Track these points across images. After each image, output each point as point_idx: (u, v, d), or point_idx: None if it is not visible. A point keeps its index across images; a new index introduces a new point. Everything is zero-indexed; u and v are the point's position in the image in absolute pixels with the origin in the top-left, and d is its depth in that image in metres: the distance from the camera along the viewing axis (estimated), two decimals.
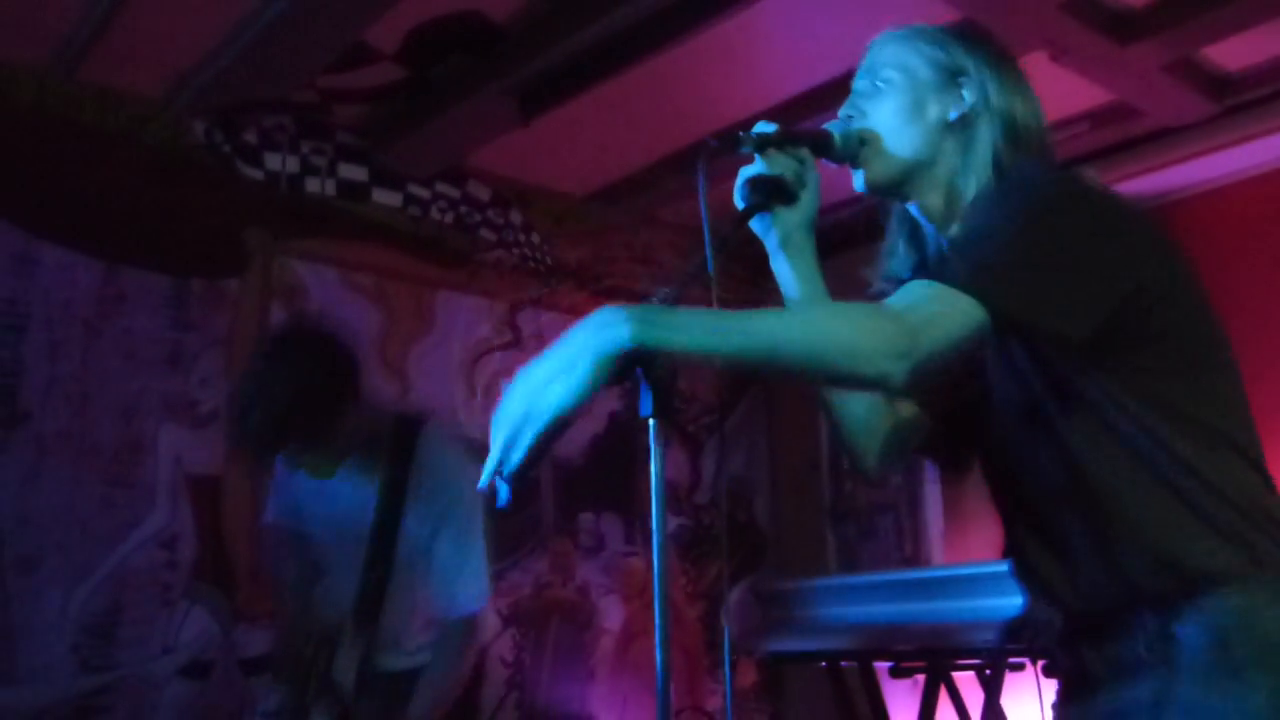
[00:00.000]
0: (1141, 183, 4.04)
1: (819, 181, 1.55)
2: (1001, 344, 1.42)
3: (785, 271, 1.55)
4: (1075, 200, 1.35)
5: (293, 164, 3.83)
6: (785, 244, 1.55)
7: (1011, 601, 2.68)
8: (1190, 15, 3.27)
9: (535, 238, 4.51)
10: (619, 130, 4.09)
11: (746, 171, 1.51)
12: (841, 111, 1.56)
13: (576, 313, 4.46)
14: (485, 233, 4.34)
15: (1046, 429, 1.38)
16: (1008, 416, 1.45)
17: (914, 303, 1.25)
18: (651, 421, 1.26)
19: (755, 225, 1.56)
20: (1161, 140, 3.92)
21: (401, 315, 4.03)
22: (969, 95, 1.50)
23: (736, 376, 4.90)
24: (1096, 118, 3.81)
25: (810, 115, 3.59)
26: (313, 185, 3.88)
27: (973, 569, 2.94)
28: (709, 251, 1.39)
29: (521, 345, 4.36)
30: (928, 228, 1.56)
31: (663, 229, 4.84)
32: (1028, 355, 1.39)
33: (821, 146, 1.52)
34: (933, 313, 1.24)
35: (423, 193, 4.16)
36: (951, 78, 1.51)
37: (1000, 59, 1.54)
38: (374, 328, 3.95)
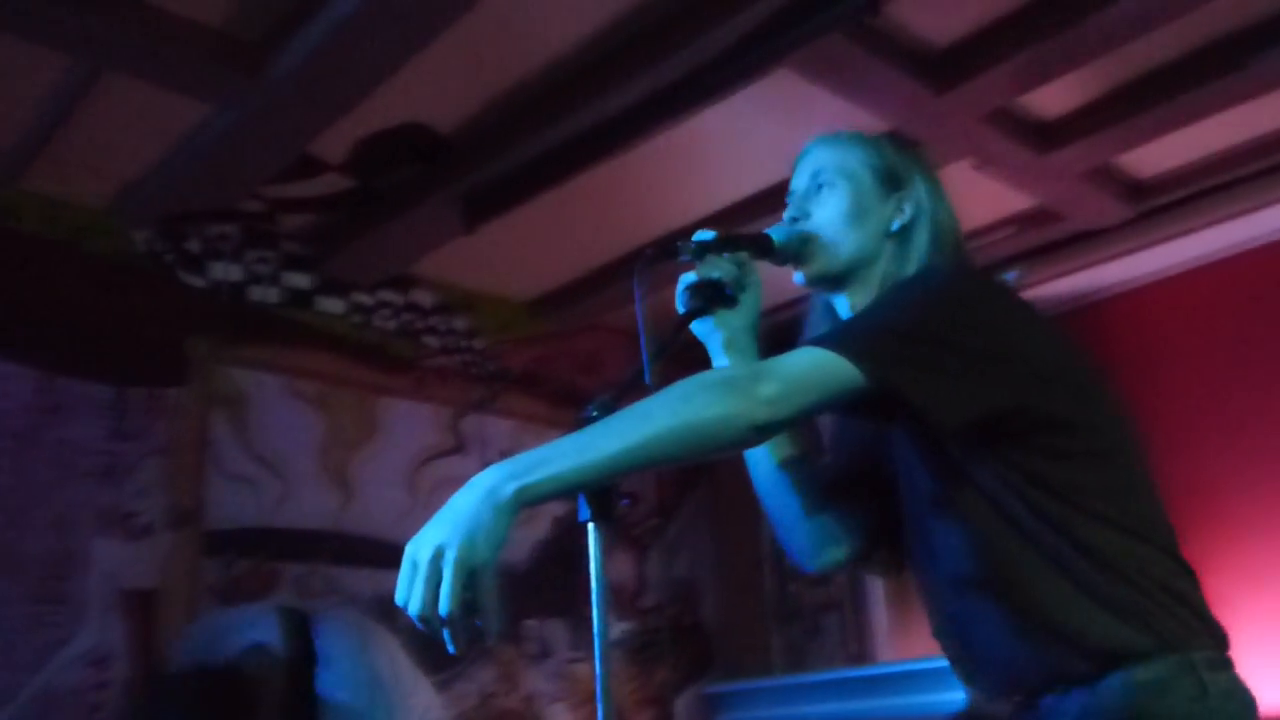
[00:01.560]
0: (1064, 284, 4.19)
1: (760, 284, 1.62)
2: (902, 434, 1.48)
3: None
4: (982, 293, 1.42)
5: (237, 272, 3.85)
6: (728, 347, 1.62)
7: (956, 696, 2.71)
8: (1106, 124, 3.44)
9: (479, 344, 4.54)
10: (562, 237, 4.17)
11: (687, 278, 1.58)
12: (786, 214, 1.64)
13: (521, 418, 4.56)
14: (429, 339, 4.37)
15: (948, 516, 1.43)
16: (916, 506, 1.50)
17: (790, 362, 1.32)
18: (591, 526, 1.30)
19: (698, 329, 1.62)
20: (1082, 243, 4.08)
21: (345, 422, 4.01)
22: (909, 207, 1.59)
23: (671, 477, 4.93)
24: (1020, 222, 3.96)
25: (749, 220, 3.70)
26: (256, 293, 3.89)
27: (917, 665, 2.97)
28: (645, 359, 1.44)
29: (466, 451, 4.36)
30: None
31: (607, 334, 4.90)
32: (921, 443, 1.45)
33: (762, 249, 1.58)
34: (806, 371, 1.30)
35: (367, 300, 4.18)
36: (891, 187, 1.60)
37: (930, 169, 1.64)
38: (316, 436, 3.93)
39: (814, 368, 1.30)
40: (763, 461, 1.68)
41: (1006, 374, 1.36)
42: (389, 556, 3.28)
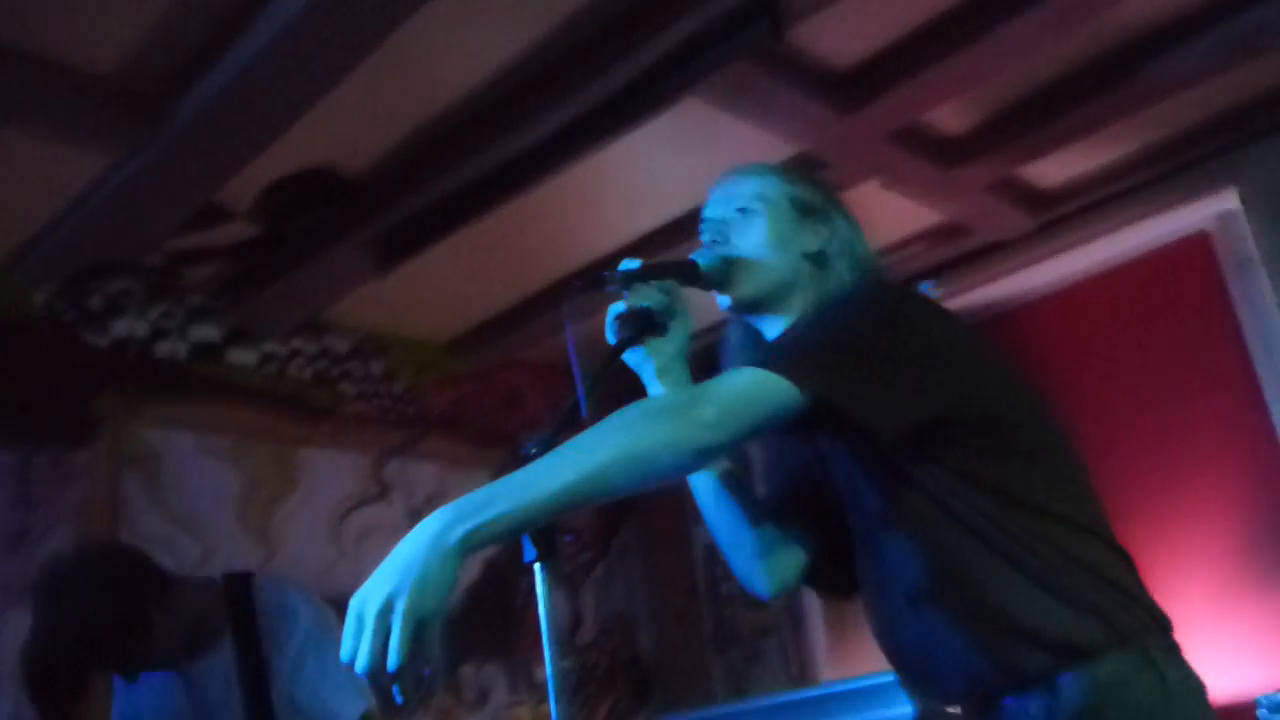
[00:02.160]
0: (975, 296, 4.28)
1: (688, 311, 1.63)
2: (843, 451, 1.49)
3: None
4: (904, 303, 1.44)
5: (142, 328, 3.74)
6: (661, 374, 1.62)
7: (901, 710, 2.71)
8: (1006, 139, 3.53)
9: (398, 387, 4.47)
10: (477, 275, 4.14)
11: (615, 308, 1.57)
12: (705, 238, 1.64)
13: (445, 460, 4.49)
14: (346, 385, 4.29)
15: (897, 528, 1.44)
16: (864, 523, 1.51)
17: (727, 383, 1.32)
18: (537, 566, 1.28)
19: (630, 359, 1.62)
20: (990, 256, 4.17)
21: (263, 476, 3.91)
22: (827, 233, 1.62)
23: (601, 510, 4.91)
24: (930, 237, 4.04)
25: (665, 249, 3.71)
26: (163, 349, 3.78)
27: (859, 683, 2.96)
28: (580, 392, 1.43)
29: (390, 498, 4.28)
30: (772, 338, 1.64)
31: (527, 371, 4.87)
32: (863, 457, 1.47)
33: (687, 275, 1.59)
34: (744, 392, 1.30)
35: (279, 349, 4.10)
36: (807, 214, 1.63)
37: (843, 202, 1.69)
38: (234, 491, 3.83)
39: (751, 388, 1.30)
40: (707, 490, 1.68)
41: (937, 380, 1.38)
42: None
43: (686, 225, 3.58)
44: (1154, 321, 4.00)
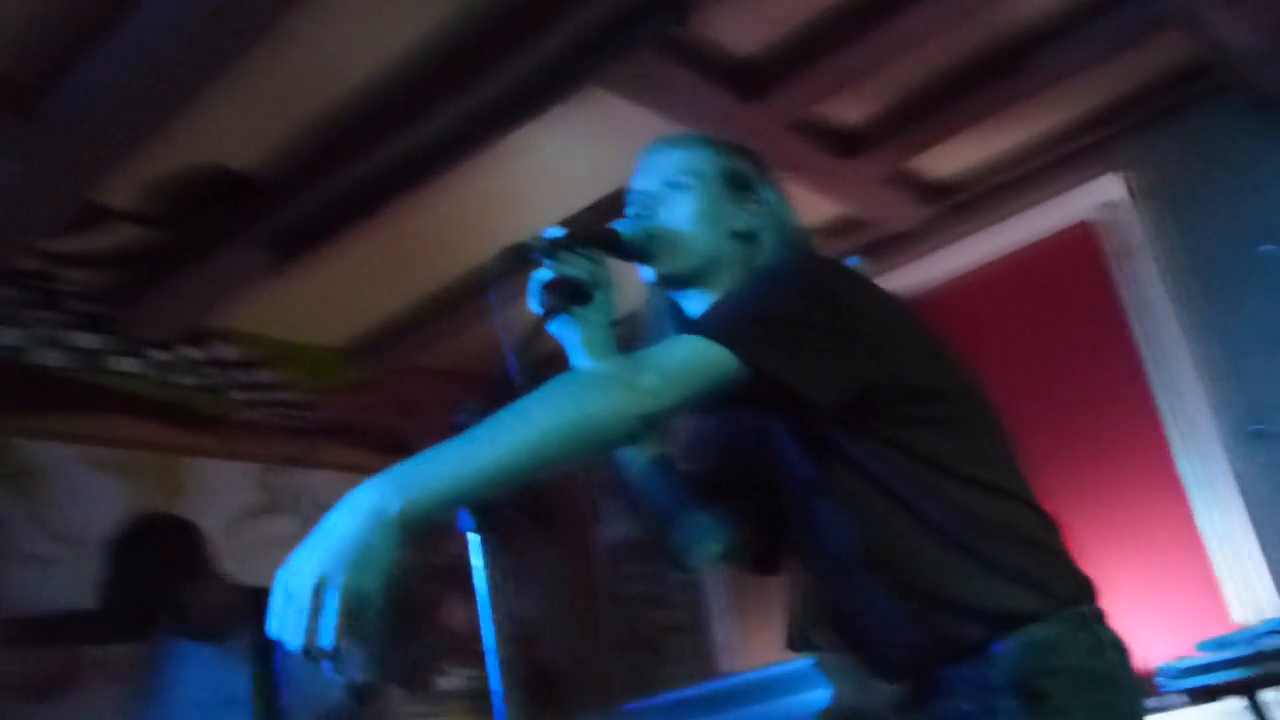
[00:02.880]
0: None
1: (612, 281, 1.59)
2: (777, 424, 1.49)
3: None
4: (832, 274, 1.44)
5: (18, 337, 3.54)
6: (587, 345, 1.58)
7: (814, 695, 2.70)
8: (903, 129, 3.59)
9: (291, 395, 4.33)
10: (373, 278, 4.03)
11: (541, 276, 1.53)
12: (629, 210, 1.62)
13: (341, 469, 4.36)
14: (236, 393, 4.14)
15: (831, 500, 1.44)
16: (797, 497, 1.51)
17: (664, 351, 1.31)
18: (473, 537, 1.23)
19: (555, 329, 1.58)
20: (890, 246, 4.23)
21: (150, 487, 3.74)
22: (755, 210, 1.60)
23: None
24: (831, 229, 4.08)
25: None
26: (42, 357, 3.59)
27: (769, 672, 2.95)
28: (511, 360, 1.39)
29: (283, 509, 4.14)
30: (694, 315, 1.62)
31: (424, 376, 4.76)
32: (797, 429, 1.46)
33: (608, 245, 1.56)
34: (683, 360, 1.29)
35: (167, 356, 3.92)
36: (738, 189, 1.61)
37: (774, 177, 1.67)
38: (120, 505, 3.63)
39: (690, 356, 1.29)
40: (635, 464, 1.65)
41: (869, 349, 1.38)
42: None
43: (591, 217, 3.55)
44: (1046, 309, 4.10)
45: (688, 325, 1.37)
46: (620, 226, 1.57)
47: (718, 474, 1.66)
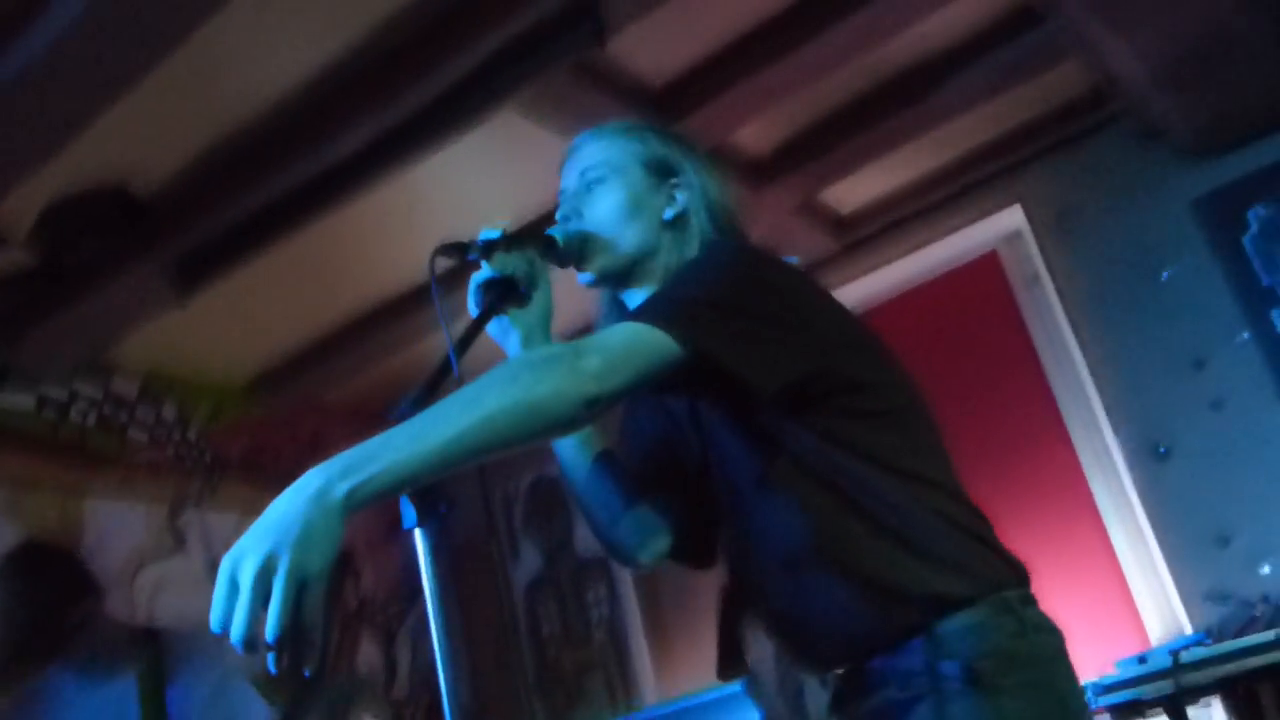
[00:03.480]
0: None
1: (549, 281, 1.60)
2: (717, 415, 1.48)
3: None
4: (771, 265, 1.45)
5: None
6: (526, 345, 1.59)
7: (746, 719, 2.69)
8: (809, 160, 3.64)
9: (192, 432, 4.20)
10: (275, 310, 3.94)
11: (478, 277, 1.54)
12: (558, 213, 1.62)
13: (246, 509, 4.23)
14: (135, 431, 3.99)
15: (768, 492, 1.44)
16: (734, 490, 1.50)
17: (607, 336, 1.31)
18: (418, 532, 1.22)
19: (492, 329, 1.59)
20: None
21: (44, 530, 3.58)
22: (681, 195, 1.60)
23: (409, 562, 4.73)
24: None
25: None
26: None
27: (698, 699, 2.93)
28: (453, 356, 1.39)
29: (187, 551, 4.00)
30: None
31: (331, 413, 4.65)
32: (736, 419, 1.46)
33: (546, 249, 1.57)
34: (625, 344, 1.29)
35: (59, 392, 3.78)
36: (663, 176, 1.61)
37: (699, 152, 1.66)
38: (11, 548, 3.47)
39: (633, 340, 1.29)
40: (575, 459, 1.66)
41: (809, 339, 1.39)
42: None
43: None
44: (957, 339, 4.16)
45: (630, 314, 1.36)
46: (554, 232, 1.58)
47: (652, 466, 1.65)
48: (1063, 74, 3.51)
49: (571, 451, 1.66)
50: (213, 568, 1.08)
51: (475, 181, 3.38)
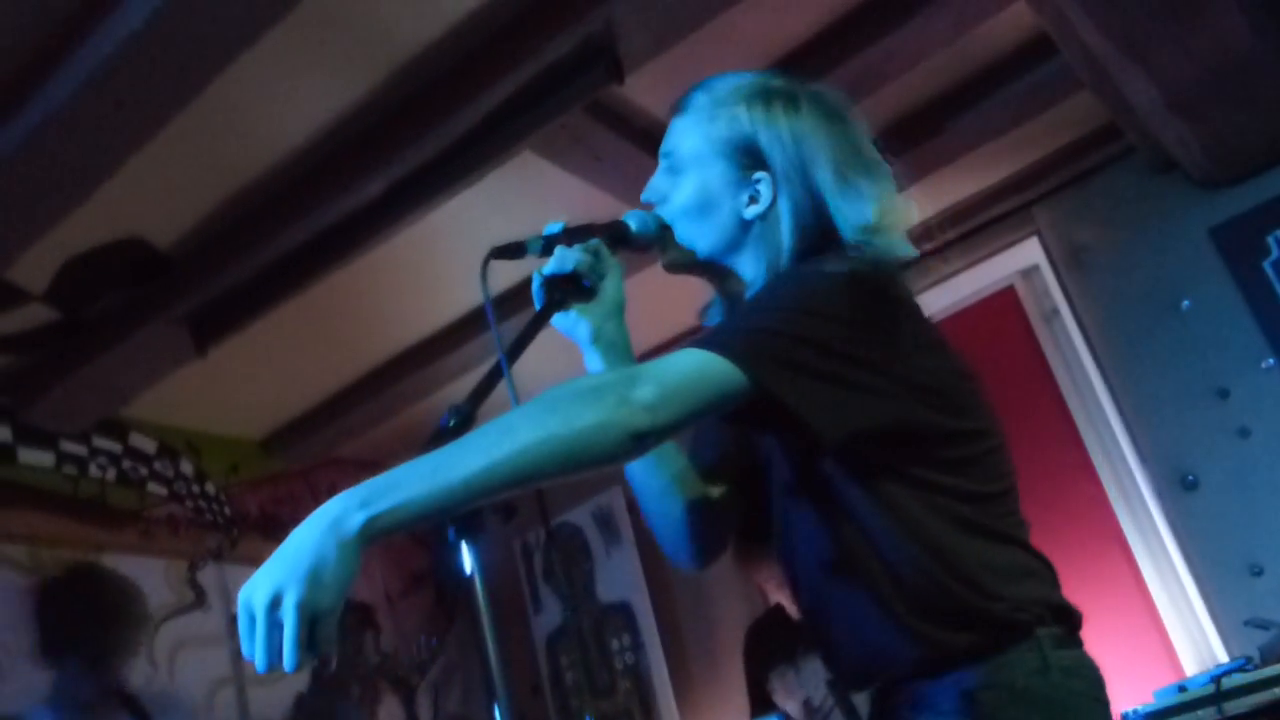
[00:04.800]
0: None
1: (620, 268, 1.53)
2: (767, 427, 1.43)
3: (599, 367, 1.52)
4: (862, 291, 1.32)
5: None
6: (596, 339, 1.52)
7: None
8: None
9: (210, 488, 4.18)
10: (292, 366, 3.95)
11: (540, 273, 1.47)
12: (644, 196, 1.56)
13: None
14: (154, 486, 3.97)
15: (808, 511, 1.40)
16: (780, 498, 1.46)
17: (665, 364, 1.23)
18: (477, 579, 1.19)
19: (560, 325, 1.52)
20: None
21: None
22: (766, 192, 1.46)
23: (430, 610, 4.68)
24: None
25: (502, 318, 3.61)
26: None
27: None
28: (503, 359, 1.34)
29: (207, 605, 3.95)
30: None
31: (347, 467, 4.64)
32: (790, 443, 1.41)
33: (618, 238, 1.51)
34: (684, 375, 1.21)
35: (79, 449, 3.76)
36: (749, 165, 1.47)
37: (808, 115, 1.49)
38: (31, 606, 3.44)
39: (694, 371, 1.21)
40: (648, 471, 1.57)
41: (889, 385, 1.30)
42: None
43: (526, 290, 3.50)
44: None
45: (695, 340, 1.27)
46: (630, 219, 1.52)
47: (714, 459, 1.59)
48: (1078, 106, 3.52)
49: (645, 470, 1.57)
50: (233, 623, 1.08)
51: (493, 223, 3.37)
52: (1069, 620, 1.37)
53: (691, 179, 1.50)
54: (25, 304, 3.20)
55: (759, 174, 1.46)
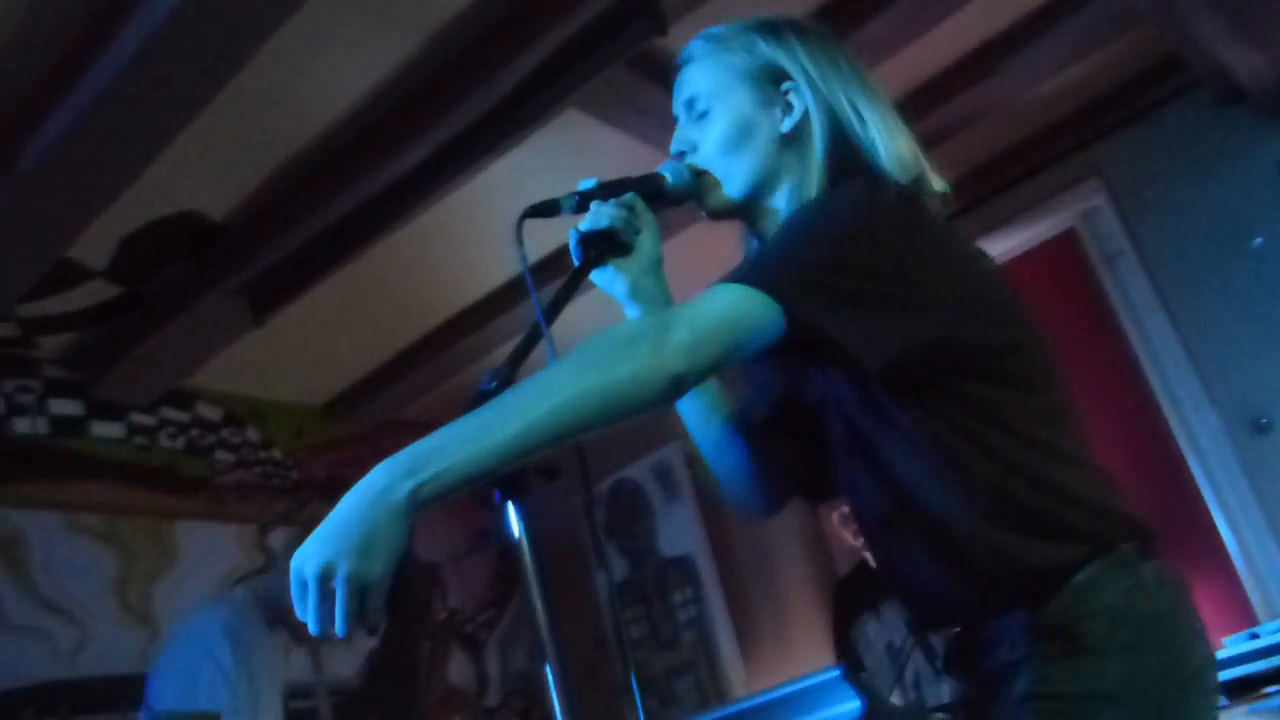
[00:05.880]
0: None
1: (655, 223, 1.50)
2: (817, 370, 1.40)
3: None
4: (891, 211, 1.29)
5: None
6: (634, 294, 1.50)
7: (846, 706, 2.63)
8: None
9: (276, 453, 4.26)
10: (351, 330, 3.99)
11: (575, 230, 1.45)
12: (673, 147, 1.52)
13: None
14: (222, 454, 4.06)
15: (867, 452, 1.35)
16: (837, 444, 1.41)
17: (698, 305, 1.20)
18: (525, 543, 1.18)
19: (599, 280, 1.50)
20: None
21: (139, 553, 3.64)
22: (797, 100, 1.44)
23: (496, 569, 4.74)
24: None
25: (552, 279, 3.62)
26: (22, 425, 3.50)
27: (798, 685, 2.87)
28: (541, 319, 1.32)
29: (279, 568, 4.03)
30: None
31: (408, 429, 4.69)
32: (839, 378, 1.36)
33: (654, 191, 1.48)
34: (718, 314, 1.18)
35: (148, 420, 3.85)
36: (773, 85, 1.45)
37: (816, 43, 1.48)
38: (110, 571, 3.55)
39: (727, 308, 1.19)
40: (694, 414, 1.56)
41: (930, 302, 1.26)
42: None
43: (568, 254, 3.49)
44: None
45: (727, 275, 1.24)
46: (665, 170, 1.49)
47: (767, 410, 1.55)
48: (1137, 40, 3.41)
49: (699, 418, 1.56)
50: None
51: (539, 182, 3.34)
52: (1147, 534, 1.30)
53: (721, 113, 1.47)
54: (88, 281, 3.27)
55: (786, 84, 1.44)
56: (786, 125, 1.44)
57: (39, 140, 2.62)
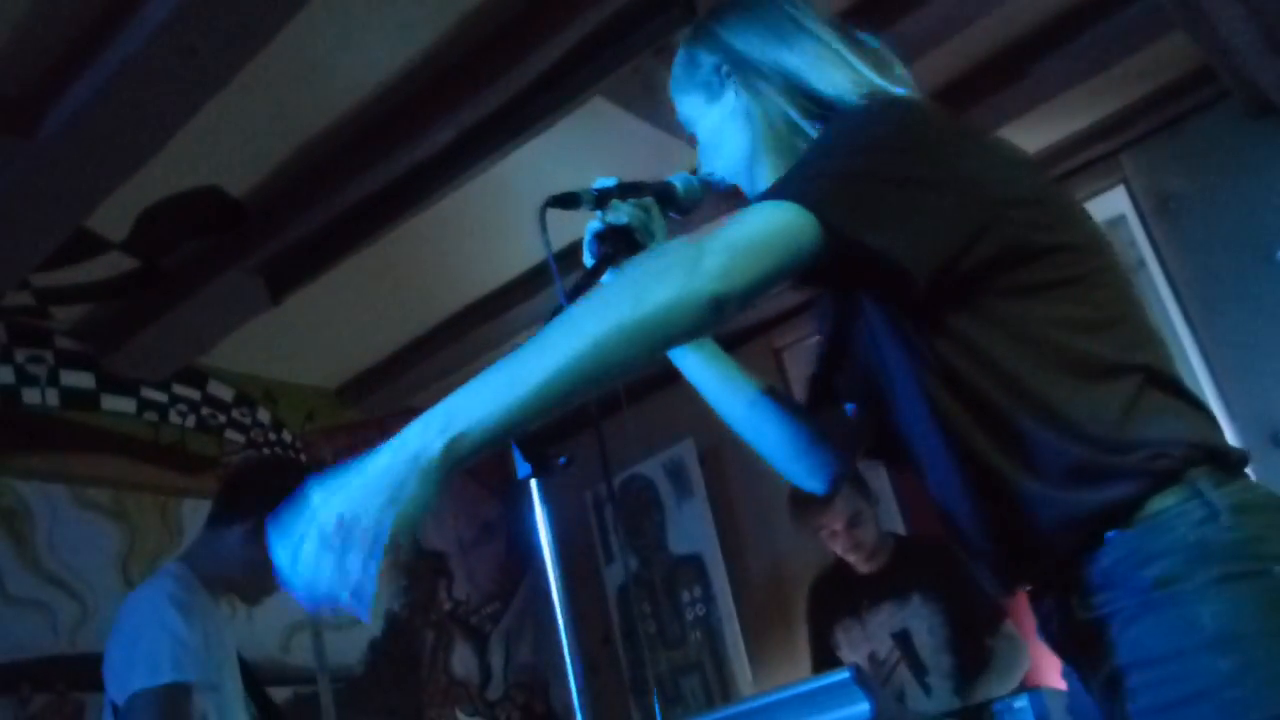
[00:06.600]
0: None
1: (665, 228, 1.54)
2: (862, 302, 1.34)
3: None
4: (921, 120, 1.27)
5: (7, 375, 3.44)
6: None
7: (855, 708, 2.59)
8: None
9: (287, 435, 4.24)
10: (366, 315, 3.98)
11: (593, 225, 1.49)
12: (699, 172, 1.58)
13: None
14: (232, 433, 4.04)
15: (923, 387, 1.27)
16: (890, 381, 1.34)
17: (732, 227, 1.15)
18: (533, 482, 1.18)
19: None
20: None
21: (146, 530, 3.63)
22: (736, 91, 1.46)
23: (502, 561, 4.72)
24: None
25: (572, 269, 3.60)
26: (31, 396, 3.49)
27: (806, 686, 2.82)
28: (564, 304, 1.31)
29: (201, 536, 4.01)
30: None
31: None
32: (881, 318, 1.31)
33: (664, 197, 1.53)
34: (753, 234, 1.13)
35: (159, 396, 3.83)
36: (747, 75, 1.46)
37: (735, 18, 1.49)
38: (115, 547, 3.53)
39: (761, 226, 1.13)
40: (739, 408, 1.57)
41: (971, 201, 1.20)
42: None
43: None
44: None
45: (759, 194, 1.20)
46: (675, 180, 1.55)
47: (834, 362, 1.51)
48: (1167, 49, 3.38)
49: (727, 399, 1.57)
50: None
51: (564, 171, 3.33)
52: (1227, 457, 1.20)
53: (700, 133, 1.53)
54: (106, 252, 3.25)
55: (758, 74, 1.44)
56: (770, 109, 1.44)
57: (63, 107, 2.59)
